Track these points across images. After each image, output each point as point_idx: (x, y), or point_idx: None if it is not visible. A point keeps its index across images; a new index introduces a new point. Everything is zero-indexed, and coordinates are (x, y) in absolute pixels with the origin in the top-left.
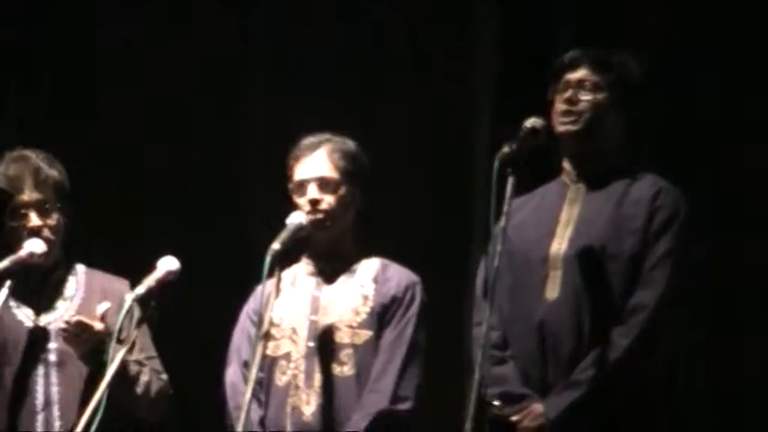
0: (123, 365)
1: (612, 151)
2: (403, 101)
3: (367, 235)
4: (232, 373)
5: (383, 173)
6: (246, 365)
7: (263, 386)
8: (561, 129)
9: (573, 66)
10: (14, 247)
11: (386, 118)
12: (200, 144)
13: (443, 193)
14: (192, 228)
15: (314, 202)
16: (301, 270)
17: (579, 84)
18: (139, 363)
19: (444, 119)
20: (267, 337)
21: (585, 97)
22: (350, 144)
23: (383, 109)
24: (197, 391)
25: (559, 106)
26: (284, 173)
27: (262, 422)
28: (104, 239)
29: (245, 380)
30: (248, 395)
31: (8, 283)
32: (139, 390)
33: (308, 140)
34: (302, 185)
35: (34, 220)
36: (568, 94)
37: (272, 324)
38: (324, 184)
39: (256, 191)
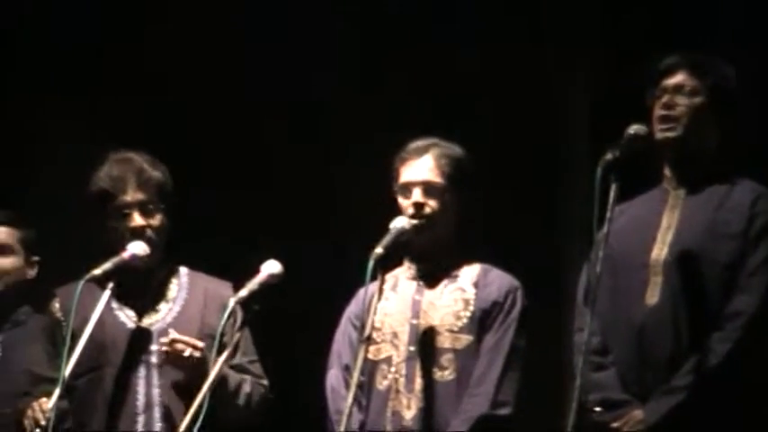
0: (224, 380)
1: (711, 156)
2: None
3: (469, 240)
4: (333, 377)
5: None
6: (347, 369)
7: (364, 390)
8: (659, 136)
9: (670, 71)
10: (117, 247)
11: (475, 123)
12: (299, 147)
13: (540, 198)
14: (296, 230)
15: (418, 206)
16: (403, 274)
17: (676, 89)
18: (241, 368)
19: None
20: (369, 341)
21: (683, 102)
22: (457, 149)
23: (472, 113)
24: (297, 395)
25: (657, 111)
26: (378, 178)
27: (362, 426)
28: (208, 242)
29: (346, 384)
30: (350, 399)
31: (110, 284)
32: (241, 402)
33: (416, 144)
34: (407, 188)
35: (137, 220)
36: (666, 99)
37: (373, 328)
38: (429, 188)
39: (355, 194)
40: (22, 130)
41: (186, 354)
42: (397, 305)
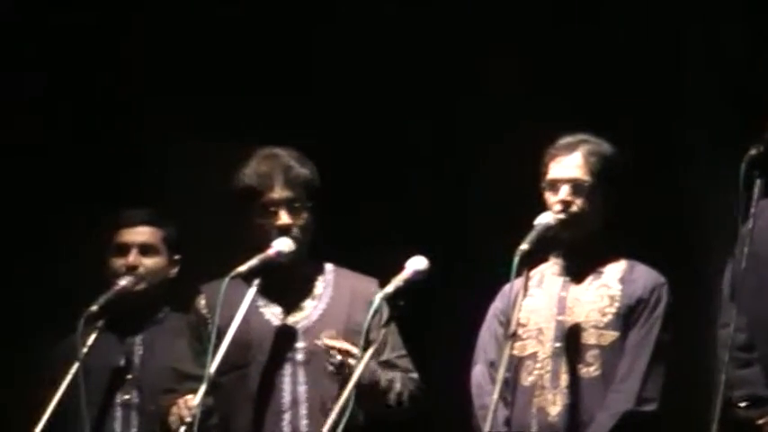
0: (376, 383)
1: None
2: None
3: (615, 236)
4: (478, 373)
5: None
6: (493, 365)
7: (509, 386)
8: None
9: None
10: (262, 244)
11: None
12: (440, 143)
13: (678, 191)
14: (439, 226)
15: (565, 204)
16: (549, 270)
17: None
18: (390, 363)
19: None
20: (514, 337)
21: None
22: (606, 146)
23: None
24: (442, 391)
25: None
26: (518, 170)
27: (507, 422)
28: (352, 239)
29: (492, 380)
30: (496, 395)
31: (256, 281)
32: (392, 400)
33: (566, 140)
34: (554, 185)
35: (284, 218)
36: None
37: (519, 324)
38: (577, 186)
39: (499, 190)
40: (157, 128)
41: (339, 358)
42: (542, 301)
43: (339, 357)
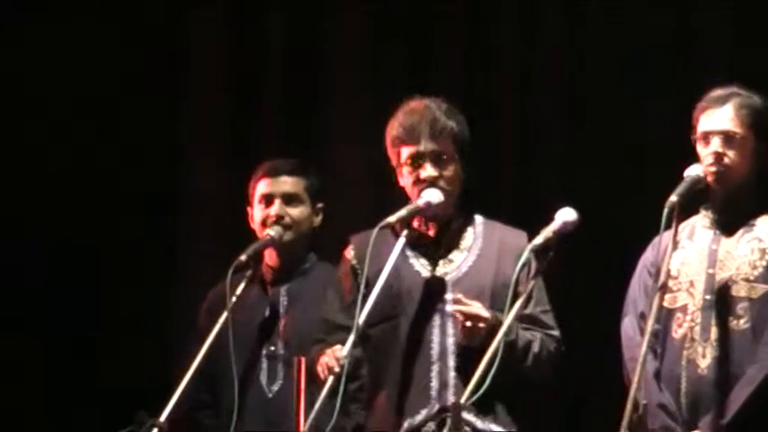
0: (513, 344)
1: None
2: None
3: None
4: (628, 325)
5: None
6: (643, 317)
7: (659, 338)
8: None
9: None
10: (410, 196)
11: None
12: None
13: None
14: (591, 178)
15: (717, 156)
16: (699, 222)
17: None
18: (533, 318)
19: None
20: (664, 289)
21: None
22: (757, 99)
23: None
24: (591, 343)
25: None
26: (682, 124)
27: (657, 374)
28: (503, 190)
29: (641, 331)
30: (645, 347)
31: (405, 232)
32: (529, 363)
33: (717, 92)
34: (706, 137)
35: (429, 170)
36: None
37: (669, 276)
38: (728, 138)
39: (655, 141)
40: (313, 83)
41: (468, 324)
42: (693, 254)
43: (468, 324)
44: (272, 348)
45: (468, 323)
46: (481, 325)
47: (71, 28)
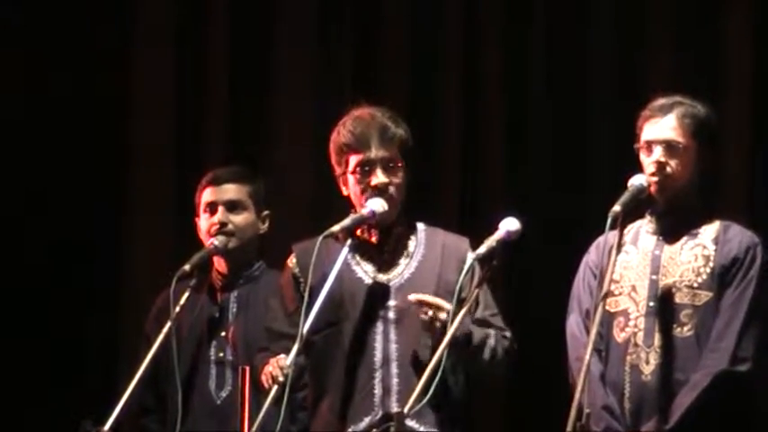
0: (469, 335)
1: None
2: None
3: (710, 196)
4: (573, 324)
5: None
6: (588, 315)
7: (603, 339)
8: None
9: None
10: (356, 204)
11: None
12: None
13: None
14: (534, 187)
15: (660, 165)
16: (644, 228)
17: None
18: (483, 322)
19: None
20: (607, 296)
21: None
22: (701, 108)
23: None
24: (539, 346)
25: None
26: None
27: (602, 376)
28: (446, 199)
29: (587, 331)
30: (590, 348)
31: (349, 241)
32: (486, 356)
33: (660, 101)
34: (649, 146)
35: (380, 176)
36: None
37: (612, 281)
38: (671, 147)
39: (603, 149)
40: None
41: (430, 314)
42: (636, 259)
43: (430, 313)
44: (221, 354)
45: (430, 313)
46: (442, 316)
47: None
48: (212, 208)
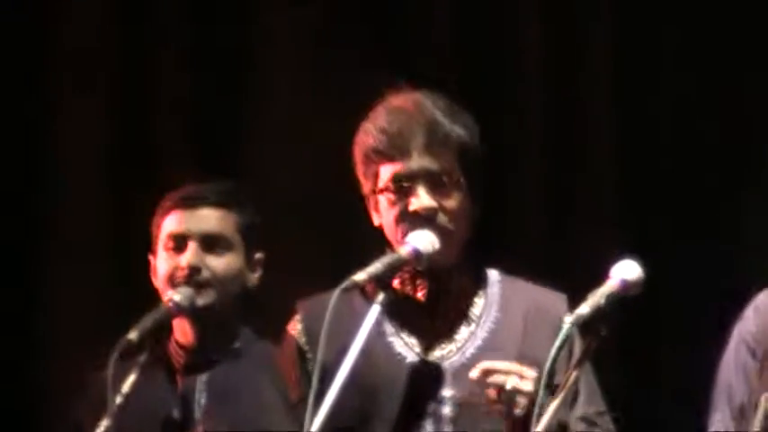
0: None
1: None
2: None
3: None
4: (719, 426)
5: None
6: (742, 412)
7: None
8: None
9: None
10: (390, 240)
11: None
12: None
13: None
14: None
15: None
16: None
17: None
18: (586, 421)
19: None
20: None
21: None
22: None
23: None
24: None
25: None
26: None
27: None
28: (532, 233)
29: None
30: None
31: (381, 296)
32: None
33: None
34: None
35: (423, 199)
36: None
37: None
38: None
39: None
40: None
41: (508, 387)
42: None
43: (507, 385)
44: None
45: (507, 384)
46: (526, 387)
47: None
48: (179, 242)
